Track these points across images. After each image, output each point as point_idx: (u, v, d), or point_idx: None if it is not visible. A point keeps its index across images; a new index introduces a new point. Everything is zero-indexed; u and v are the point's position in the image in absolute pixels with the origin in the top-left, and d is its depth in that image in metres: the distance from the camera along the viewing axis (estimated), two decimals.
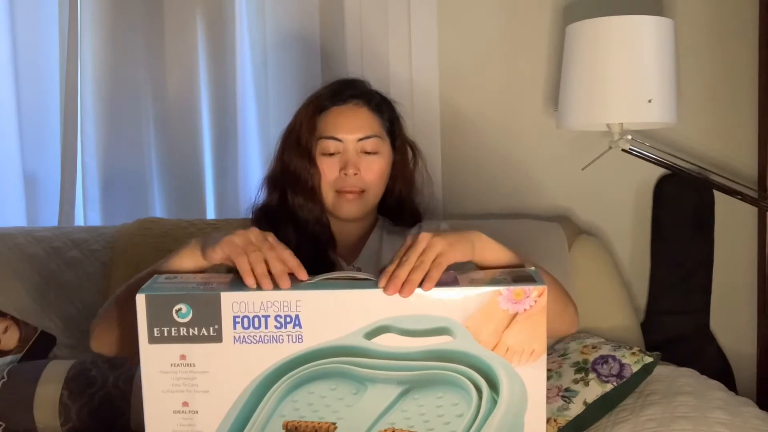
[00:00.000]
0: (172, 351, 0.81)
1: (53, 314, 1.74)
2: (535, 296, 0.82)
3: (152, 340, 0.81)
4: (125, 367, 1.50)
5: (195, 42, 1.92)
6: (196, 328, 0.81)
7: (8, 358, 1.64)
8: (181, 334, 0.81)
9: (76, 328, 1.74)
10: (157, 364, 0.82)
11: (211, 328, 0.81)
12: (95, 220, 1.99)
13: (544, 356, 0.84)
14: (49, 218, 2.00)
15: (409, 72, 1.87)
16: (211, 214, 2.00)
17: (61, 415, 1.47)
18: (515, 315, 0.82)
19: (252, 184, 1.92)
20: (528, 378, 0.84)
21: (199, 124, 1.95)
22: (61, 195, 1.95)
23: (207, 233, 1.77)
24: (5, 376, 1.52)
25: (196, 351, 0.81)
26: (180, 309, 0.81)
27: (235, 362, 0.82)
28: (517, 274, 0.87)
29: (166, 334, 0.81)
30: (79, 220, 2.00)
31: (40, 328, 1.70)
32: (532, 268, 0.89)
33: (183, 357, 0.82)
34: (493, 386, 0.83)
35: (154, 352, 0.81)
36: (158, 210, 2.01)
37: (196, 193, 1.97)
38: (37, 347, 1.68)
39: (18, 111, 1.96)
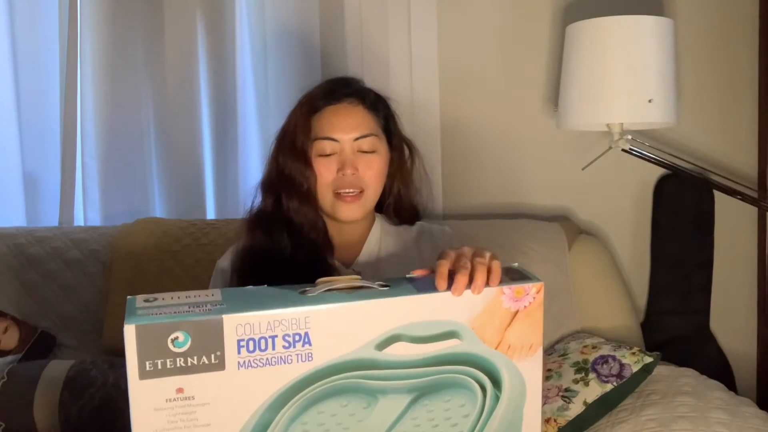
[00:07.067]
0: (167, 385, 0.73)
1: (53, 314, 1.74)
2: (533, 293, 0.84)
3: (144, 375, 0.73)
4: (125, 367, 1.49)
5: (195, 42, 1.92)
6: (195, 357, 0.73)
7: (8, 358, 1.64)
8: (178, 365, 0.73)
9: (76, 328, 1.74)
10: (151, 402, 0.73)
11: (213, 355, 0.74)
12: (95, 220, 1.99)
13: (541, 349, 0.85)
14: (49, 218, 2.00)
15: (409, 72, 1.87)
16: (211, 214, 2.00)
17: (61, 415, 1.47)
18: (516, 312, 0.83)
19: (252, 184, 1.90)
20: (526, 372, 0.85)
21: (199, 124, 1.95)
22: (61, 195, 1.95)
23: (206, 233, 1.78)
24: (5, 376, 1.52)
25: (196, 382, 0.74)
26: (177, 338, 0.73)
27: (239, 390, 0.75)
28: (509, 273, 0.88)
29: (160, 366, 0.73)
30: (79, 220, 2.00)
31: (40, 328, 1.70)
32: (516, 264, 0.91)
33: (180, 390, 0.74)
34: (496, 383, 0.84)
35: (147, 389, 0.73)
36: (158, 210, 2.01)
37: (196, 193, 1.97)
38: (37, 347, 1.68)
39: (18, 111, 1.96)
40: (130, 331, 0.72)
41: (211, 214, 2.00)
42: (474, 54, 1.94)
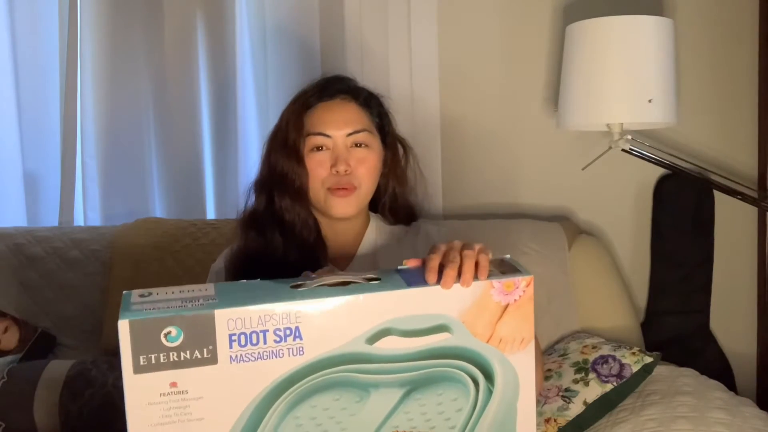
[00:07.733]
0: (161, 379, 0.74)
1: (53, 314, 1.74)
2: (523, 286, 0.83)
3: (138, 369, 0.73)
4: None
5: (195, 42, 1.92)
6: (188, 352, 0.74)
7: (8, 358, 1.64)
8: (171, 359, 0.74)
9: (76, 328, 1.74)
10: (145, 396, 0.74)
11: (205, 350, 0.75)
12: (95, 220, 1.99)
13: (533, 343, 0.85)
14: (49, 218, 2.00)
15: (409, 72, 1.87)
16: (211, 213, 2.00)
17: (61, 415, 1.47)
18: (507, 306, 0.83)
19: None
20: (519, 366, 0.84)
21: (199, 124, 1.95)
22: (61, 195, 1.95)
23: (206, 233, 1.78)
24: (5, 376, 1.52)
25: (189, 376, 0.75)
26: (169, 332, 0.74)
27: (231, 384, 0.76)
28: (500, 266, 0.88)
29: (154, 361, 0.73)
30: (79, 220, 2.00)
31: (40, 328, 1.71)
32: (508, 255, 0.90)
33: (174, 384, 0.75)
34: (489, 377, 0.84)
35: (141, 383, 0.74)
36: (158, 210, 2.01)
37: (196, 192, 1.97)
38: (37, 347, 1.68)
39: (18, 111, 1.96)
40: (124, 326, 0.73)
41: (211, 214, 2.00)
42: (474, 54, 1.94)
